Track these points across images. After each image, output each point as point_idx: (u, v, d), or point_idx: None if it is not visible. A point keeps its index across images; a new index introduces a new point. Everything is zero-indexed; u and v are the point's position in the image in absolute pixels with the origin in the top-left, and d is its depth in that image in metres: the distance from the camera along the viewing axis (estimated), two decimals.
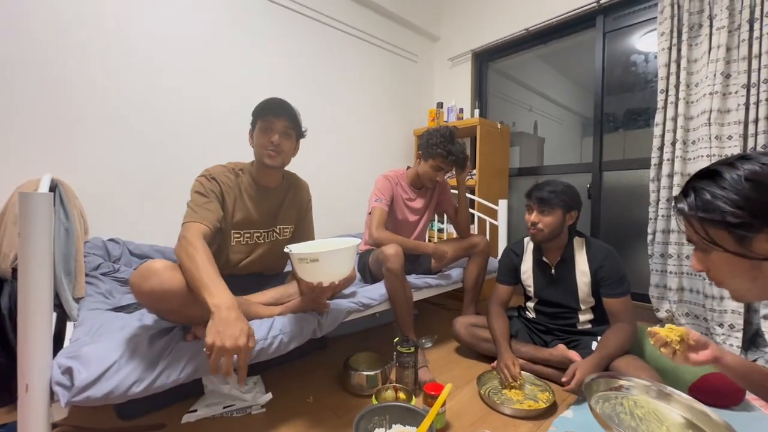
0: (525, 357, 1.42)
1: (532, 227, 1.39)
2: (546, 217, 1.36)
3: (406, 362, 1.28)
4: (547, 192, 1.35)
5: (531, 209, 1.40)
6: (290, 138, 1.20)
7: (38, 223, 0.70)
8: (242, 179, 1.21)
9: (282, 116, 1.16)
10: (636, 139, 2.28)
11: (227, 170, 1.20)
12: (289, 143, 1.20)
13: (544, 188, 1.37)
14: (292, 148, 1.23)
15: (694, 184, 0.62)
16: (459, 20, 3.06)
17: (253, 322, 1.05)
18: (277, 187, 1.28)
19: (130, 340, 0.89)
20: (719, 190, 0.57)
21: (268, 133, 1.15)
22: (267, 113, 1.15)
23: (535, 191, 1.39)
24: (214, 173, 1.16)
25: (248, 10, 2.08)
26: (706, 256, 0.64)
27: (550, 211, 1.35)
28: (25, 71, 1.45)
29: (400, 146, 2.99)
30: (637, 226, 2.16)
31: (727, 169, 0.58)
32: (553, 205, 1.34)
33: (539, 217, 1.37)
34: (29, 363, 0.71)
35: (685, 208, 0.62)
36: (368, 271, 1.67)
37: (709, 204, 0.58)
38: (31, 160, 1.46)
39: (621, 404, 0.93)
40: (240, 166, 1.24)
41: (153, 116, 1.76)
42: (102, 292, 1.32)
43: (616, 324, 1.30)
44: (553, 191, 1.35)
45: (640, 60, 2.24)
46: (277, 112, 1.15)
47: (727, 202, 0.56)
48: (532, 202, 1.39)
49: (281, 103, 1.15)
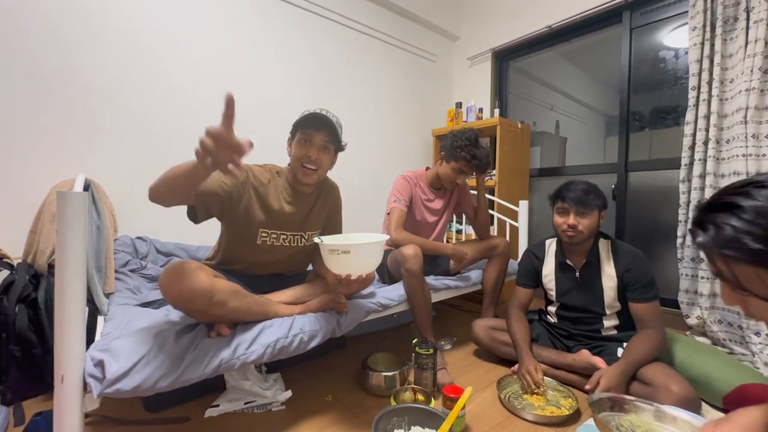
0: (546, 362, 1.39)
1: (569, 230, 1.33)
2: (585, 219, 1.31)
3: (425, 364, 1.27)
4: (582, 193, 1.31)
5: (566, 212, 1.34)
6: (329, 152, 1.19)
7: (74, 220, 0.73)
8: (278, 181, 1.22)
9: (322, 130, 1.14)
10: (663, 138, 2.20)
11: (265, 169, 1.21)
12: (327, 157, 1.19)
13: (576, 189, 1.32)
14: (330, 162, 1.22)
15: (711, 217, 0.56)
16: (479, 19, 3.02)
17: (274, 321, 1.07)
18: (311, 194, 1.28)
19: (158, 335, 0.91)
20: (741, 224, 0.51)
21: (306, 146, 1.15)
22: (308, 126, 1.14)
23: (568, 192, 1.33)
24: (250, 166, 1.18)
25: (269, 13, 2.11)
26: (737, 293, 0.57)
27: (589, 212, 1.31)
28: (60, 77, 1.52)
29: (419, 147, 2.98)
30: (665, 228, 2.08)
31: (744, 199, 0.53)
32: (591, 206, 1.31)
33: (578, 220, 1.32)
34: (65, 355, 0.75)
35: (707, 243, 0.56)
36: (386, 272, 1.67)
37: (733, 241, 0.52)
38: (65, 162, 1.53)
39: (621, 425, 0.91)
40: (277, 169, 1.25)
41: (179, 120, 1.82)
42: (130, 288, 1.37)
43: (644, 330, 1.25)
44: (588, 191, 1.31)
45: (670, 56, 2.15)
46: (318, 125, 1.14)
47: (753, 238, 0.50)
48: (569, 204, 1.33)
49: (322, 116, 1.13)
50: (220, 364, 0.91)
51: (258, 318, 1.06)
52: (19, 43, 1.44)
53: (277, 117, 2.12)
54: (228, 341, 0.96)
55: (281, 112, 2.12)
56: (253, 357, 0.97)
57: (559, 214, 1.37)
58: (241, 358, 0.95)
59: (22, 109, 1.45)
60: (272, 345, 1.00)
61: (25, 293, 1.22)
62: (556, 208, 1.39)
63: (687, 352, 1.33)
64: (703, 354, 1.31)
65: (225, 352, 0.93)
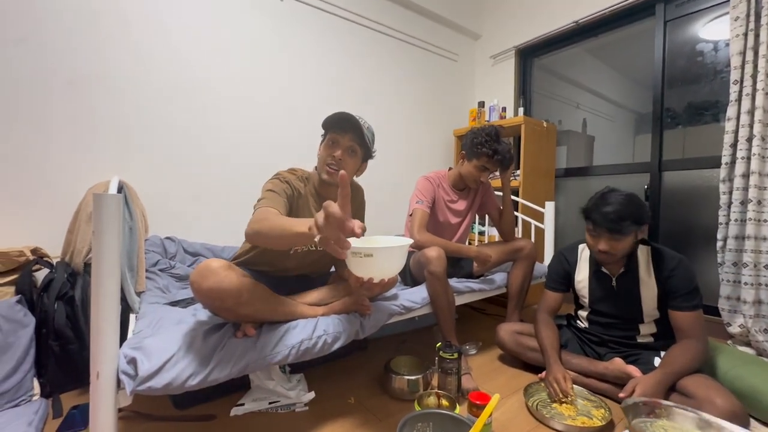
0: (576, 370, 1.33)
1: (601, 254, 1.25)
2: (619, 244, 1.22)
3: (449, 368, 1.24)
4: (616, 217, 1.18)
5: (597, 236, 1.25)
6: (355, 155, 1.17)
7: (109, 221, 0.76)
8: (307, 188, 1.22)
9: (348, 132, 1.14)
10: (699, 135, 2.08)
11: (297, 177, 1.21)
12: (352, 161, 1.17)
13: (609, 211, 1.19)
14: (356, 166, 1.21)
15: None
16: (501, 16, 2.97)
17: (298, 322, 1.07)
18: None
19: (187, 334, 0.93)
20: None
21: (332, 147, 1.15)
22: (334, 127, 1.14)
23: (599, 217, 1.21)
24: (287, 177, 1.17)
25: (292, 18, 2.14)
26: None
27: (623, 237, 1.21)
28: (95, 85, 1.59)
29: (440, 147, 2.94)
30: (703, 231, 1.97)
31: None
32: (625, 232, 1.19)
33: (610, 244, 1.22)
34: (101, 352, 0.77)
35: None
36: (409, 274, 1.65)
37: None
38: (100, 164, 1.60)
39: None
40: (306, 174, 1.25)
41: (207, 124, 1.87)
42: (160, 287, 1.41)
43: (685, 340, 1.18)
44: (622, 217, 1.17)
45: (708, 49, 2.04)
46: (344, 126, 1.13)
47: None
48: (602, 230, 1.22)
49: (348, 117, 1.13)
50: (246, 365, 0.92)
51: (283, 318, 1.07)
52: (60, 53, 1.51)
53: (299, 120, 2.14)
54: (254, 342, 0.97)
55: (302, 114, 2.14)
56: (278, 358, 0.97)
57: (590, 235, 1.29)
58: (266, 359, 0.96)
59: (60, 115, 1.52)
60: (297, 346, 1.00)
61: (63, 291, 1.28)
62: (587, 227, 1.29)
63: (731, 364, 1.25)
64: (750, 366, 1.23)
65: (251, 353, 0.94)
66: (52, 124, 1.51)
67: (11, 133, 1.44)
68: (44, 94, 1.49)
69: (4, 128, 1.43)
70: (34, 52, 1.47)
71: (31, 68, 1.46)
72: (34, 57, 1.47)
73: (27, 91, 1.46)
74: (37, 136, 1.48)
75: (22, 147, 1.46)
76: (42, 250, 1.40)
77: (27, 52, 1.45)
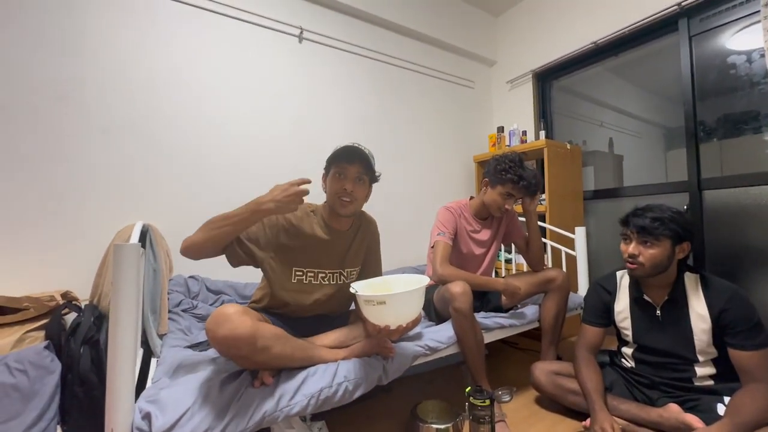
0: (625, 417, 1.19)
1: (629, 260, 1.19)
2: (649, 250, 1.15)
3: (481, 417, 1.14)
4: (649, 219, 1.14)
5: (628, 238, 1.20)
6: (363, 184, 1.19)
7: (128, 273, 0.75)
8: (313, 219, 1.22)
9: (355, 162, 1.15)
10: (738, 148, 1.95)
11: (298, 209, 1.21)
12: (362, 189, 1.19)
13: (645, 214, 1.17)
14: (366, 194, 1.22)
15: None
16: (515, 42, 2.98)
17: (318, 368, 1.02)
18: (348, 230, 1.26)
19: (203, 384, 0.90)
20: None
21: (341, 180, 1.15)
22: (341, 160, 1.15)
23: (633, 217, 1.19)
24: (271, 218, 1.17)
25: (311, 54, 2.23)
26: None
27: (655, 242, 1.14)
28: (125, 132, 1.68)
29: (460, 174, 2.90)
30: (757, 255, 1.79)
31: None
32: (657, 235, 1.13)
33: (639, 249, 1.16)
34: (115, 408, 0.75)
35: None
36: (433, 309, 1.58)
37: None
38: (127, 205, 1.67)
39: None
40: (312, 207, 1.26)
41: (227, 163, 1.93)
42: (182, 329, 1.40)
43: (752, 384, 1.04)
44: (659, 218, 1.14)
45: (741, 61, 1.94)
46: (351, 158, 1.15)
47: None
48: (630, 230, 1.19)
49: (354, 149, 1.15)
50: (263, 417, 0.87)
51: (302, 364, 1.02)
52: (94, 104, 1.62)
53: (320, 153, 2.17)
54: (271, 391, 0.92)
55: (328, 153, 2.18)
56: (296, 409, 0.92)
57: (623, 241, 1.24)
58: (284, 411, 0.90)
59: (93, 161, 1.61)
60: (316, 395, 0.95)
61: (89, 335, 1.28)
62: (621, 233, 1.25)
63: None
64: None
65: (268, 404, 0.89)
66: (84, 171, 1.59)
67: (53, 180, 1.53)
68: (81, 143, 1.58)
69: (48, 176, 1.52)
70: (73, 106, 1.58)
71: (70, 120, 1.57)
72: (73, 110, 1.58)
73: (67, 141, 1.56)
74: (73, 183, 1.57)
75: (61, 194, 1.54)
76: (72, 293, 1.44)
77: (67, 106, 1.57)
